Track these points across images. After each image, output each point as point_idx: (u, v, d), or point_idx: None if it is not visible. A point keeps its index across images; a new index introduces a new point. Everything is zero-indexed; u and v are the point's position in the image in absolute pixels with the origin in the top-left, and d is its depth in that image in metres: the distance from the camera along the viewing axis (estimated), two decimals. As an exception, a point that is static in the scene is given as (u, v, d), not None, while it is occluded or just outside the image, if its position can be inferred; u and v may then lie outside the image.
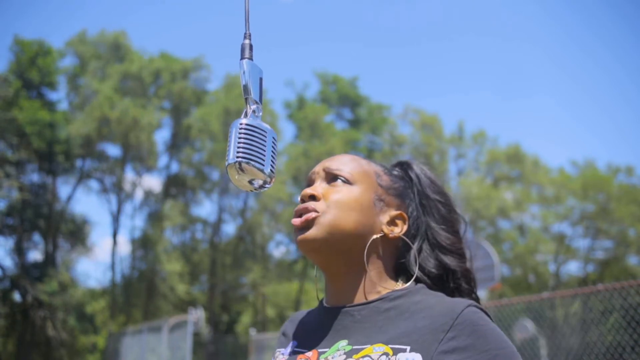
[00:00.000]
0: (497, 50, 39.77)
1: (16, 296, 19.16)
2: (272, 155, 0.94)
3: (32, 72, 20.35)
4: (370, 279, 1.01)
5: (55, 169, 21.42)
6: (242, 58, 0.97)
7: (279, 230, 25.27)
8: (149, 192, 24.78)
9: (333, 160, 1.07)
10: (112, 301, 23.64)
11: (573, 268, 26.13)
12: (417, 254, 1.05)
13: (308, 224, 0.99)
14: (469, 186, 23.64)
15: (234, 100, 22.72)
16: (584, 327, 5.84)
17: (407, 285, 1.00)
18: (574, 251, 24.18)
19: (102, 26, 30.04)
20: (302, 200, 1.03)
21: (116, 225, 23.53)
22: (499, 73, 41.97)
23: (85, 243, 22.52)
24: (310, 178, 1.08)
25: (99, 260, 53.37)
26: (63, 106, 22.74)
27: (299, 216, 1.01)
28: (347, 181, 1.03)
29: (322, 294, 1.10)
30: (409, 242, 1.05)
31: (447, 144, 26.20)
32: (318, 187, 1.04)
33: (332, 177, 1.04)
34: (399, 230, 1.04)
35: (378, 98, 38.62)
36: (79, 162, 22.98)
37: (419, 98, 44.95)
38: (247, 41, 0.98)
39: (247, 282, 24.99)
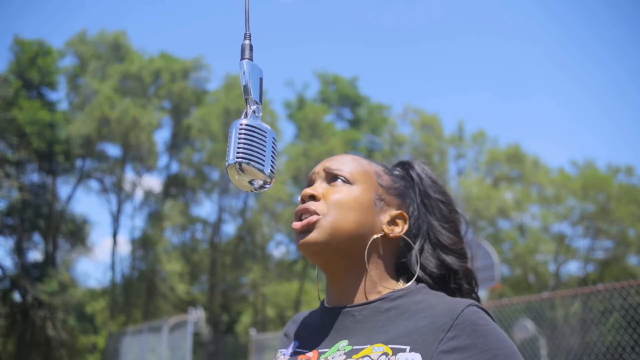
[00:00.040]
0: (497, 50, 39.83)
1: (16, 296, 19.16)
2: (272, 156, 0.94)
3: (32, 72, 20.34)
4: (371, 279, 1.00)
5: (55, 169, 21.41)
6: (242, 58, 0.97)
7: (279, 230, 25.27)
8: (149, 192, 24.78)
9: (333, 160, 1.06)
10: (112, 301, 23.63)
11: (573, 268, 26.16)
12: (418, 253, 1.05)
13: (309, 228, 0.99)
14: (469, 186, 23.63)
15: (234, 100, 22.72)
16: (584, 327, 5.84)
17: (408, 285, 1.00)
18: (574, 251, 24.17)
19: (102, 26, 30.07)
20: (302, 200, 1.03)
21: (116, 225, 23.56)
22: (499, 73, 42.02)
23: (85, 243, 22.52)
24: (311, 178, 1.08)
25: (99, 260, 53.39)
26: (63, 106, 22.77)
27: (299, 218, 1.01)
28: (347, 181, 1.02)
29: (323, 294, 1.10)
30: (410, 241, 1.04)
31: (447, 144, 26.20)
32: (318, 187, 1.04)
33: (332, 177, 1.04)
34: (399, 230, 1.03)
35: (378, 98, 38.67)
36: (79, 162, 22.98)
37: (419, 98, 45.01)
38: (247, 41, 0.98)
39: (247, 282, 24.99)
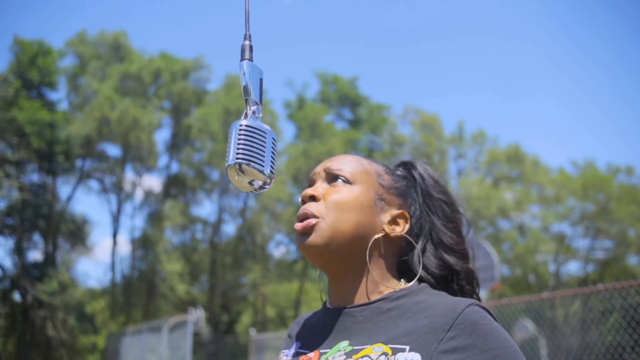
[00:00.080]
0: (497, 50, 39.81)
1: (16, 296, 19.16)
2: (271, 156, 0.94)
3: (32, 72, 20.34)
4: (373, 279, 1.00)
5: (55, 169, 21.41)
6: (242, 59, 0.97)
7: (279, 230, 25.27)
8: (149, 192, 24.78)
9: (334, 160, 1.06)
10: (112, 301, 23.63)
11: (573, 268, 26.16)
12: (421, 253, 1.04)
13: (309, 230, 0.98)
14: (469, 186, 23.63)
15: (234, 101, 22.72)
16: (584, 327, 5.84)
17: (409, 285, 1.00)
18: (574, 251, 24.17)
19: (102, 26, 30.10)
20: (303, 201, 1.03)
21: (116, 225, 23.56)
22: (499, 73, 42.00)
23: (85, 243, 22.53)
24: (312, 178, 1.08)
25: (99, 260, 53.39)
26: (63, 106, 22.77)
27: (300, 221, 1.01)
28: (347, 181, 1.02)
29: (325, 295, 1.10)
30: (413, 241, 1.04)
31: (447, 144, 26.20)
32: (318, 187, 1.04)
33: (332, 177, 1.04)
34: (400, 230, 1.03)
35: (378, 98, 38.67)
36: (79, 162, 22.99)
37: (419, 98, 45.00)
38: (247, 42, 0.98)
39: (247, 282, 24.99)
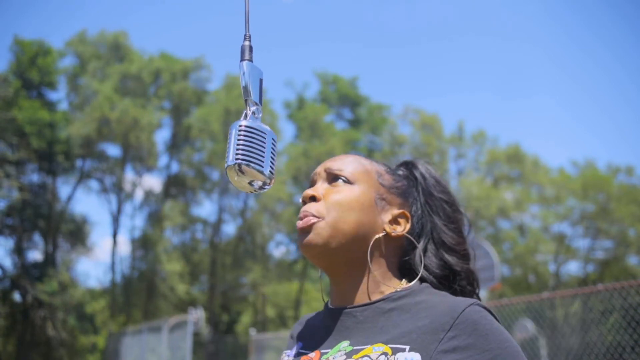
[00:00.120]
0: (497, 50, 39.81)
1: (16, 296, 19.16)
2: (271, 157, 0.94)
3: (32, 72, 20.34)
4: (374, 279, 1.00)
5: (55, 169, 21.41)
6: (242, 60, 0.97)
7: (279, 230, 25.28)
8: (149, 192, 24.78)
9: (335, 160, 1.06)
10: (112, 301, 23.64)
11: (573, 268, 26.16)
12: (422, 253, 1.04)
13: (309, 229, 0.99)
14: (469, 186, 23.63)
15: (234, 101, 22.72)
16: (584, 327, 5.84)
17: (411, 285, 1.00)
18: (574, 251, 24.17)
19: (102, 26, 30.12)
20: (304, 201, 1.03)
21: (116, 225, 23.56)
22: (499, 73, 41.99)
23: (85, 243, 22.53)
24: (313, 179, 1.08)
25: (99, 260, 53.38)
26: (63, 106, 22.77)
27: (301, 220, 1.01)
28: (347, 181, 1.02)
29: (327, 295, 1.09)
30: (414, 241, 1.04)
31: (447, 144, 26.19)
32: (319, 187, 1.04)
33: (333, 178, 1.04)
34: (401, 229, 1.03)
35: (378, 98, 38.69)
36: (79, 162, 22.99)
37: (419, 98, 45.01)
38: (247, 43, 0.98)
39: (247, 282, 24.99)
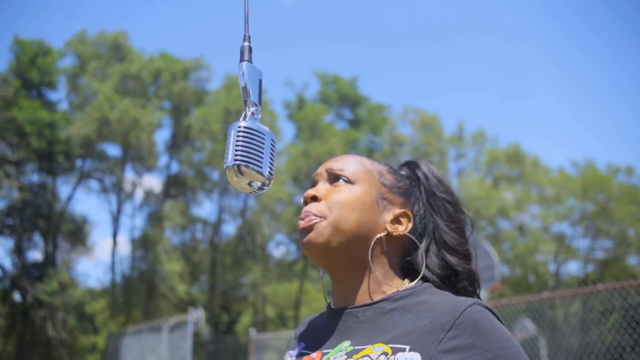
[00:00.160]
0: (497, 50, 39.81)
1: (16, 296, 19.16)
2: (270, 157, 0.94)
3: (32, 72, 20.34)
4: (376, 279, 1.00)
5: (55, 169, 21.40)
6: (241, 60, 0.98)
7: (279, 230, 25.28)
8: (149, 192, 24.78)
9: (336, 160, 1.07)
10: (112, 301, 23.64)
11: (573, 268, 26.16)
12: (424, 253, 1.04)
13: (311, 228, 0.99)
14: (469, 186, 23.62)
15: (234, 101, 22.72)
16: (584, 327, 5.84)
17: (412, 285, 1.00)
18: (574, 251, 24.17)
19: (102, 26, 30.12)
20: (305, 202, 1.03)
21: (116, 225, 23.56)
22: (499, 73, 41.99)
23: (85, 243, 22.54)
24: (314, 179, 1.08)
25: (99, 260, 53.37)
26: (63, 106, 22.77)
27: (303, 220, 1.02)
28: (348, 181, 1.02)
29: (329, 296, 1.10)
30: (416, 240, 1.04)
31: (447, 144, 26.19)
32: (320, 187, 1.04)
33: (334, 178, 1.04)
34: (403, 229, 1.02)
35: (378, 98, 38.68)
36: (79, 162, 22.99)
37: (419, 98, 44.99)
38: (246, 43, 0.98)
39: (247, 282, 24.99)
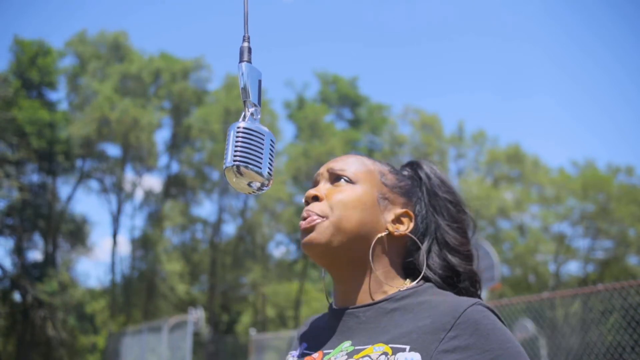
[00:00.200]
0: (497, 50, 39.80)
1: (16, 296, 19.17)
2: (269, 158, 0.95)
3: (32, 72, 20.34)
4: (377, 279, 1.00)
5: (55, 169, 21.40)
6: (240, 61, 0.98)
7: (279, 230, 25.28)
8: (149, 192, 24.79)
9: (337, 161, 1.07)
10: (112, 301, 23.64)
11: (573, 268, 26.17)
12: (426, 253, 1.04)
13: (312, 228, 0.99)
14: (469, 186, 23.62)
15: (234, 101, 22.71)
16: (584, 327, 5.84)
17: (414, 285, 1.00)
18: (574, 251, 24.17)
19: (102, 26, 30.13)
20: (306, 202, 1.04)
21: (116, 225, 23.56)
22: (499, 73, 41.98)
23: (85, 243, 22.54)
24: (315, 179, 1.08)
25: (99, 260, 53.37)
26: (63, 106, 22.77)
27: (304, 220, 1.02)
28: (350, 181, 1.02)
29: (331, 297, 1.10)
30: (417, 240, 1.04)
31: (447, 144, 26.19)
32: (321, 187, 1.05)
33: (335, 178, 1.05)
34: (404, 228, 1.03)
35: (378, 98, 38.68)
36: (79, 162, 22.99)
37: (419, 98, 44.98)
38: (245, 44, 0.99)
39: (247, 282, 24.99)
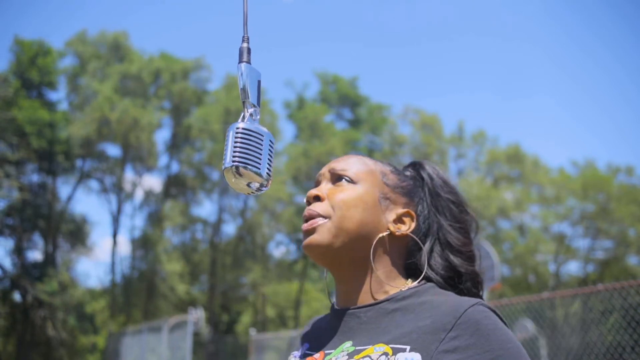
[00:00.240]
0: (497, 50, 39.78)
1: (16, 296, 19.16)
2: (268, 159, 0.95)
3: (32, 72, 20.35)
4: (378, 279, 1.00)
5: (55, 169, 21.41)
6: (240, 62, 0.98)
7: (279, 230, 25.29)
8: (149, 192, 24.79)
9: (339, 161, 1.07)
10: (112, 301, 23.64)
11: (573, 268, 26.17)
12: (428, 253, 1.04)
13: (313, 230, 0.99)
14: (469, 186, 23.62)
15: (234, 101, 22.71)
16: (584, 327, 5.84)
17: (415, 285, 0.99)
18: (574, 251, 24.17)
19: (102, 26, 30.18)
20: (308, 202, 1.04)
21: (116, 225, 23.57)
22: (499, 73, 41.96)
23: (85, 243, 22.54)
24: (317, 180, 1.09)
25: (99, 260, 53.37)
26: (63, 106, 22.78)
27: (306, 221, 1.02)
28: (351, 181, 1.03)
29: (333, 297, 1.10)
30: (419, 240, 1.04)
31: (447, 144, 26.19)
32: (323, 187, 1.05)
33: (337, 178, 1.05)
34: (406, 228, 1.03)
35: (378, 98, 38.67)
36: (79, 162, 23.00)
37: (419, 98, 44.97)
38: (245, 44, 0.99)
39: (247, 282, 24.99)
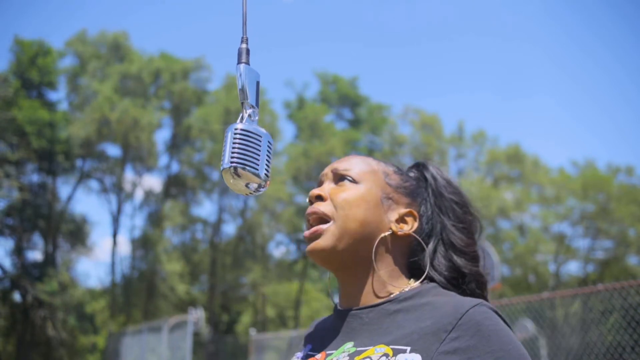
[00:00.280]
0: (497, 50, 39.79)
1: (16, 296, 19.17)
2: (267, 159, 0.95)
3: (32, 72, 20.35)
4: (380, 279, 1.00)
5: (55, 169, 21.41)
6: (238, 62, 0.98)
7: (279, 230, 25.28)
8: (149, 192, 24.79)
9: (341, 161, 1.08)
10: (112, 301, 23.65)
11: (573, 268, 26.16)
12: (432, 254, 1.04)
13: (317, 236, 1.00)
14: (469, 186, 23.61)
15: (234, 101, 22.71)
16: (584, 327, 5.84)
17: (417, 285, 1.00)
18: (574, 251, 24.17)
19: (102, 26, 30.19)
20: (310, 201, 1.05)
21: (116, 225, 23.57)
22: (499, 73, 41.96)
23: (85, 243, 22.55)
24: (320, 180, 1.09)
25: (99, 260, 53.38)
26: (63, 106, 22.79)
27: (308, 222, 1.03)
28: (353, 180, 1.03)
29: (336, 298, 1.10)
30: (422, 241, 1.04)
31: (447, 144, 26.20)
32: (325, 187, 1.06)
33: (339, 178, 1.05)
34: (408, 228, 1.03)
35: (378, 98, 38.69)
36: (79, 162, 23.00)
37: (419, 98, 44.98)
38: (244, 45, 0.99)
39: (247, 282, 25.00)
